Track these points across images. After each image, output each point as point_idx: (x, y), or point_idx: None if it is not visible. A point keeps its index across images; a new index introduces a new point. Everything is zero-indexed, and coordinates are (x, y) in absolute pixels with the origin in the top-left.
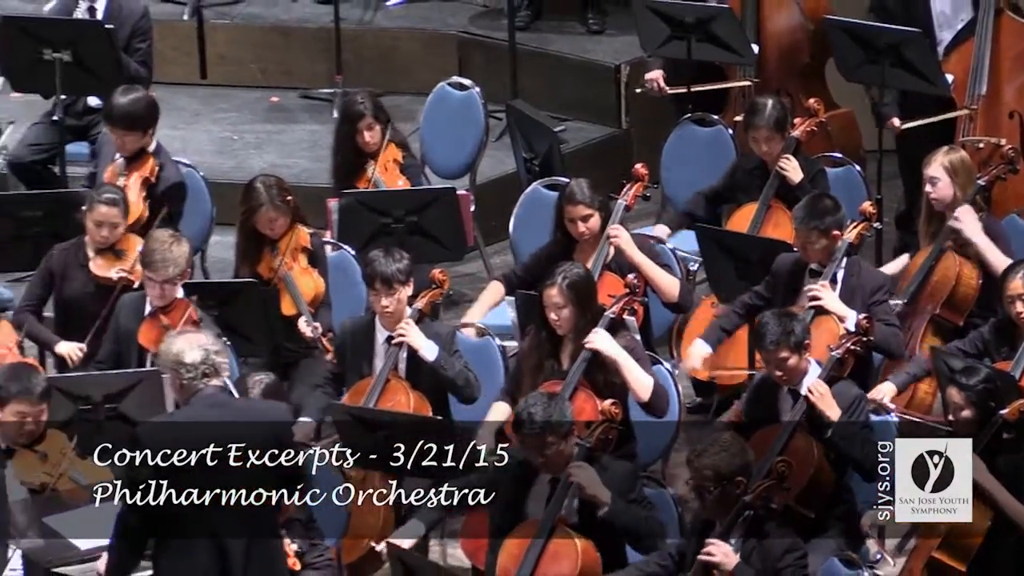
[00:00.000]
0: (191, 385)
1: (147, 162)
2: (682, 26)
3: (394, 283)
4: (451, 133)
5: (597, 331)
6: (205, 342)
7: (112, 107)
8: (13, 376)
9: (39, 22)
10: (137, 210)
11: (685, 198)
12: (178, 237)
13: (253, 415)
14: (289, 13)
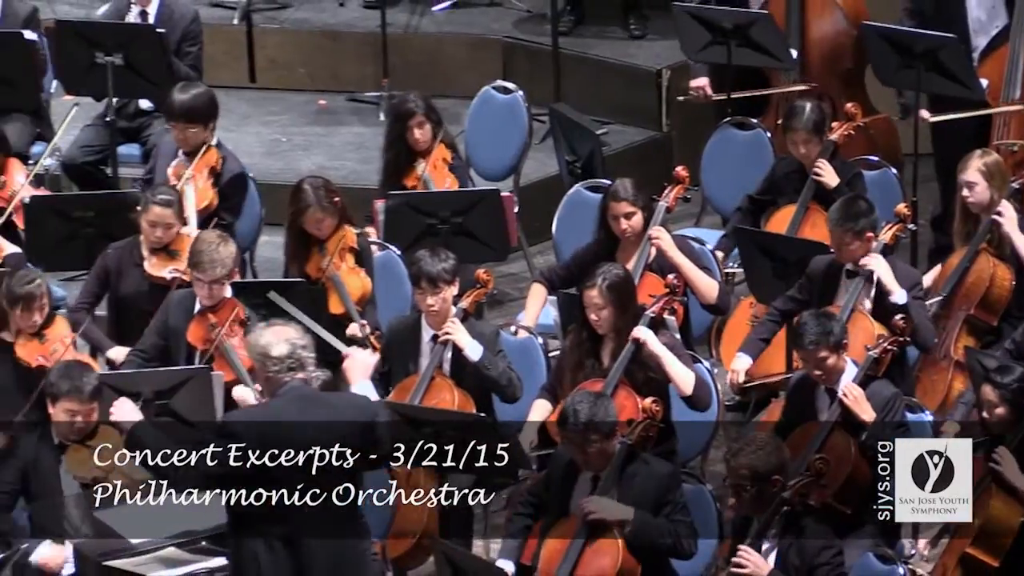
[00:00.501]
0: (277, 378)
1: (211, 153)
2: (722, 31)
3: (440, 282)
4: (495, 136)
5: (644, 329)
6: (292, 336)
7: (173, 102)
8: (65, 374)
9: (92, 26)
10: (207, 197)
11: (724, 199)
12: (225, 238)
13: (342, 411)
14: (337, 18)
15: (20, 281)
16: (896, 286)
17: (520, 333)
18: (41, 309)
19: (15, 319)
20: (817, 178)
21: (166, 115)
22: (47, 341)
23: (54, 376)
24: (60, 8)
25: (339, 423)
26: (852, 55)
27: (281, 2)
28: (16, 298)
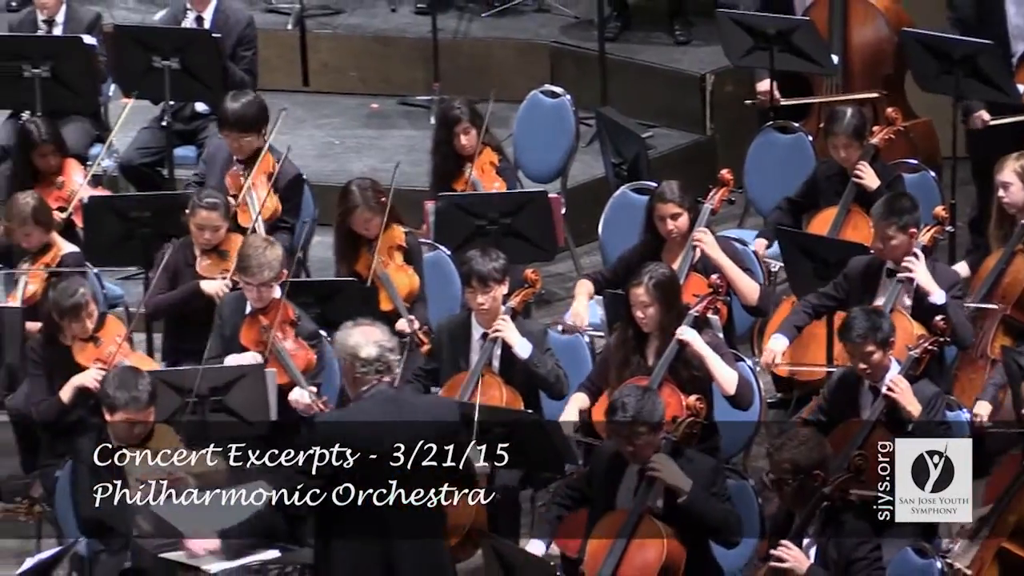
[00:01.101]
0: (364, 379)
1: (266, 159)
2: (764, 37)
3: (490, 281)
4: (543, 139)
5: (688, 329)
6: (381, 338)
7: (226, 112)
8: (121, 385)
9: (149, 31)
10: (272, 204)
11: (767, 202)
12: (271, 241)
13: (427, 413)
14: (388, 23)
15: (64, 294)
16: (935, 287)
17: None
18: (90, 316)
19: (67, 328)
20: (858, 180)
21: (219, 125)
22: (102, 344)
23: (110, 388)
24: (118, 13)
25: (424, 424)
26: (893, 61)
27: (334, 8)
28: (63, 311)
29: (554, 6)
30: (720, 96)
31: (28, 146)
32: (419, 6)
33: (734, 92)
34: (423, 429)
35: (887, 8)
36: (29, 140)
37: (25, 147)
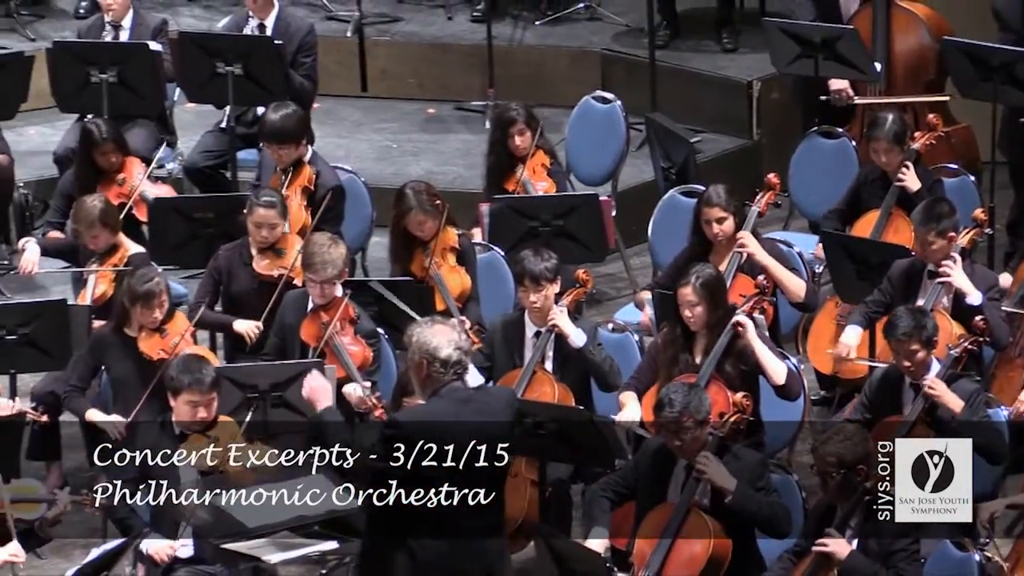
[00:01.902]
0: (438, 379)
1: (304, 172)
2: (810, 45)
3: (542, 280)
4: (594, 143)
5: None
6: (459, 341)
7: (265, 124)
8: (185, 368)
9: (213, 38)
10: (300, 219)
11: (812, 205)
12: (335, 240)
13: (496, 410)
14: (445, 31)
15: (140, 280)
16: (972, 288)
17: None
18: (161, 306)
19: (136, 316)
20: (900, 182)
21: (259, 136)
22: (168, 335)
23: (175, 370)
24: (183, 20)
25: (494, 423)
26: (934, 67)
27: (392, 16)
28: (136, 296)
29: (606, 15)
30: (766, 102)
31: (90, 145)
32: (475, 14)
33: (780, 98)
34: (491, 427)
35: (928, 17)
36: (91, 139)
37: (87, 146)
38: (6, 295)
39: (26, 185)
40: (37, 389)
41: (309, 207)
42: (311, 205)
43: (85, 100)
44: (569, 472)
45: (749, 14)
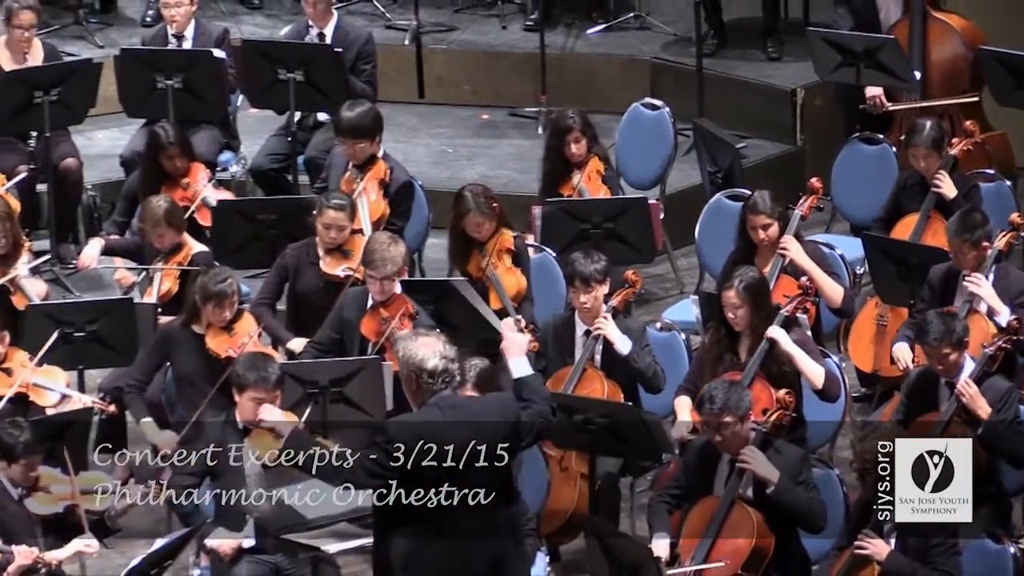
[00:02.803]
0: (427, 390)
1: (379, 165)
2: (852, 54)
3: (592, 281)
4: (643, 148)
5: (777, 329)
6: (444, 351)
7: (341, 120)
8: (251, 366)
9: (275, 45)
10: (379, 209)
11: (853, 208)
12: (395, 238)
13: (487, 414)
14: (499, 39)
15: (214, 279)
16: (1001, 305)
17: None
18: (231, 305)
19: (207, 314)
20: (936, 189)
21: (335, 132)
22: (235, 334)
23: (241, 368)
24: (246, 28)
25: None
26: (968, 76)
27: (448, 25)
28: (209, 295)
29: (655, 24)
30: (810, 109)
31: (157, 148)
32: (528, 23)
33: (823, 105)
34: (484, 428)
35: (963, 27)
36: (158, 143)
37: (154, 149)
38: (75, 294)
39: (94, 187)
40: (104, 385)
41: (386, 198)
42: (387, 197)
43: (151, 105)
44: (618, 466)
45: (793, 24)
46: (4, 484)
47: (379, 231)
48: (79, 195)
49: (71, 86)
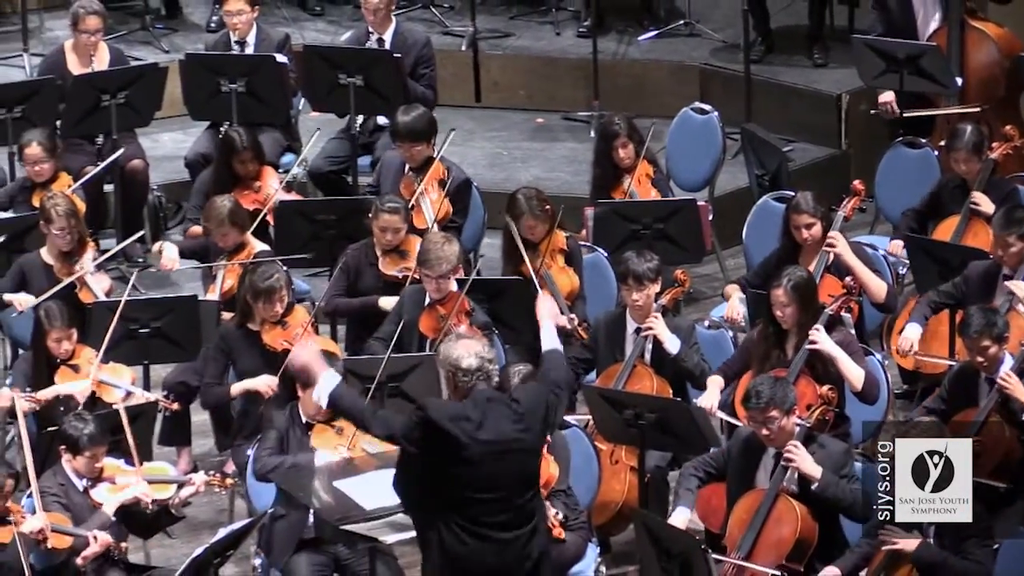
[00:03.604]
0: (464, 388)
1: (437, 166)
2: (895, 61)
3: (644, 280)
4: (693, 152)
5: (819, 333)
6: (480, 350)
7: (397, 124)
8: None
9: (336, 51)
10: (442, 207)
11: (895, 210)
12: (449, 238)
13: (522, 407)
14: (553, 45)
15: (261, 277)
16: None
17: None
18: (281, 300)
19: (259, 311)
20: (975, 207)
21: (392, 136)
22: (289, 328)
23: None
24: (308, 34)
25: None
26: (1004, 82)
27: (504, 31)
28: (259, 292)
29: (704, 31)
30: (854, 114)
31: (230, 153)
32: (581, 30)
33: (867, 111)
34: (520, 421)
35: (999, 36)
36: (231, 147)
37: (227, 154)
38: (141, 291)
39: (159, 188)
40: (169, 379)
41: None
42: (447, 196)
43: (215, 109)
44: (666, 460)
45: (839, 31)
46: (70, 475)
47: (433, 231)
48: (145, 195)
49: (137, 90)
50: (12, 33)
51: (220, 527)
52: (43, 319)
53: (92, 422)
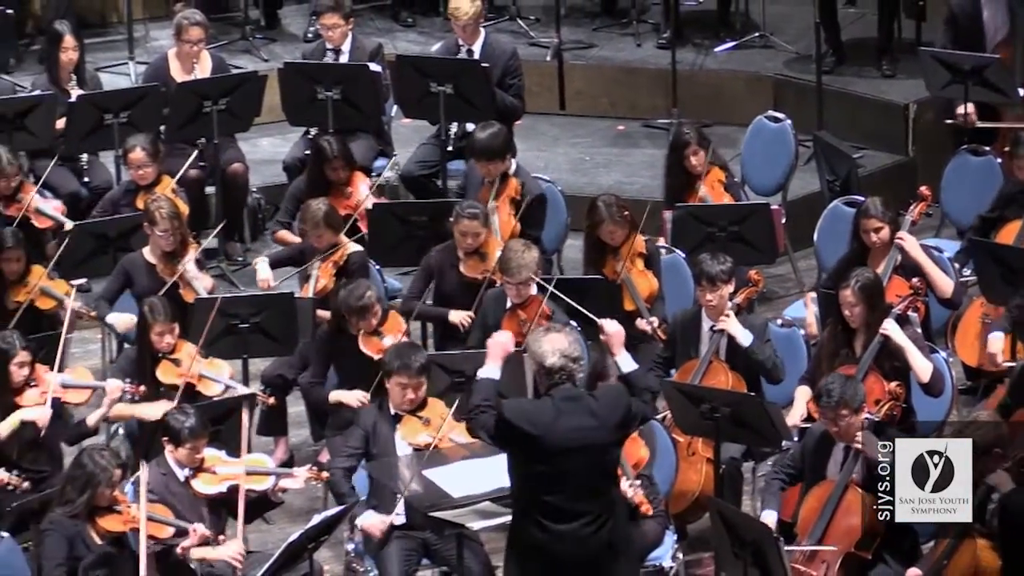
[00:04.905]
0: (546, 381)
1: (511, 184)
2: (960, 72)
3: (719, 281)
4: (767, 158)
5: (891, 324)
6: (566, 348)
7: (473, 142)
8: (397, 355)
9: (427, 61)
10: (508, 227)
11: (960, 215)
12: (528, 245)
13: (602, 407)
14: (634, 56)
15: (353, 295)
16: None
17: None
18: (375, 315)
19: (354, 324)
20: None
21: (468, 153)
22: (384, 336)
23: (388, 356)
24: (400, 44)
25: (601, 414)
26: None
27: (587, 42)
28: (352, 310)
29: (778, 43)
30: (921, 123)
31: (321, 160)
32: (660, 41)
33: (933, 119)
34: (599, 418)
35: None
36: (322, 155)
37: (318, 161)
38: (240, 288)
39: (258, 190)
40: (267, 372)
41: (516, 215)
42: (518, 213)
43: (311, 115)
44: (741, 451)
45: (906, 44)
46: (172, 465)
47: (514, 239)
48: (245, 197)
49: (238, 96)
50: (118, 42)
51: (315, 513)
52: (147, 314)
53: (194, 414)
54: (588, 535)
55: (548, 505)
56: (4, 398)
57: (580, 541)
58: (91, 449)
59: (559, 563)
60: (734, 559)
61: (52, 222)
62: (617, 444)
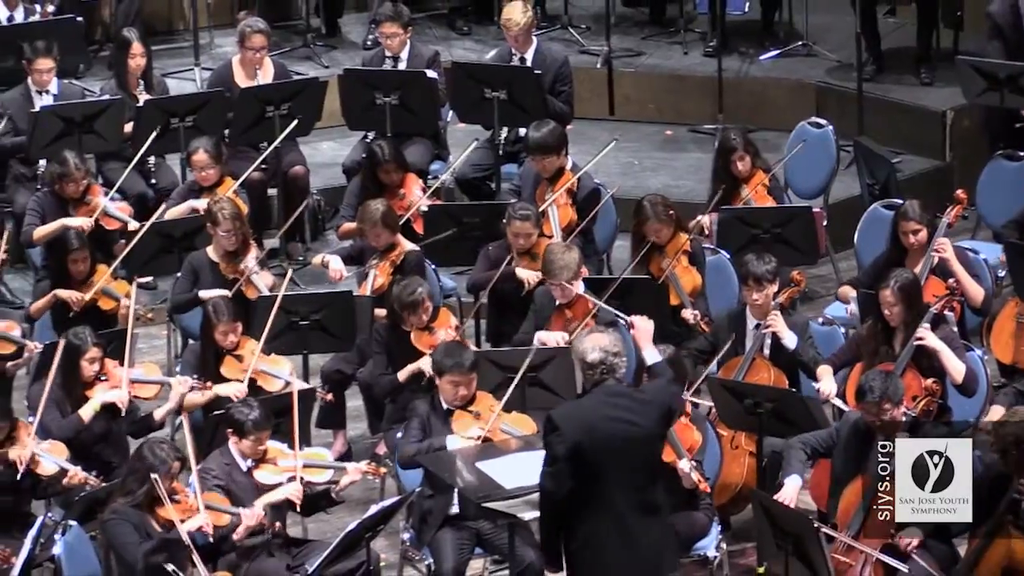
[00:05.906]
0: (590, 377)
1: (567, 177)
2: (996, 80)
3: (763, 281)
4: (809, 163)
5: (926, 330)
6: (607, 344)
7: (529, 140)
8: (448, 353)
9: (482, 67)
10: (568, 216)
11: (995, 218)
12: (569, 246)
13: (646, 403)
14: (681, 63)
15: (405, 291)
16: None
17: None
18: (426, 311)
19: (406, 320)
20: None
21: (525, 150)
22: (435, 333)
23: (439, 355)
24: (456, 52)
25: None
26: None
27: (636, 50)
28: (404, 305)
29: (820, 51)
30: (958, 129)
31: (374, 164)
32: (707, 49)
33: (970, 126)
34: (644, 413)
35: None
36: (375, 159)
37: (371, 165)
38: (300, 286)
39: (319, 192)
40: (326, 368)
41: (574, 206)
42: (575, 204)
43: (370, 120)
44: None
45: (944, 52)
46: (235, 456)
47: (554, 241)
48: (305, 199)
49: (299, 101)
50: (184, 49)
51: (372, 504)
52: (211, 313)
53: (257, 407)
54: (641, 531)
55: (599, 500)
56: (75, 392)
57: (631, 536)
58: (151, 442)
59: (609, 555)
60: (776, 550)
61: (119, 223)
62: (659, 437)
